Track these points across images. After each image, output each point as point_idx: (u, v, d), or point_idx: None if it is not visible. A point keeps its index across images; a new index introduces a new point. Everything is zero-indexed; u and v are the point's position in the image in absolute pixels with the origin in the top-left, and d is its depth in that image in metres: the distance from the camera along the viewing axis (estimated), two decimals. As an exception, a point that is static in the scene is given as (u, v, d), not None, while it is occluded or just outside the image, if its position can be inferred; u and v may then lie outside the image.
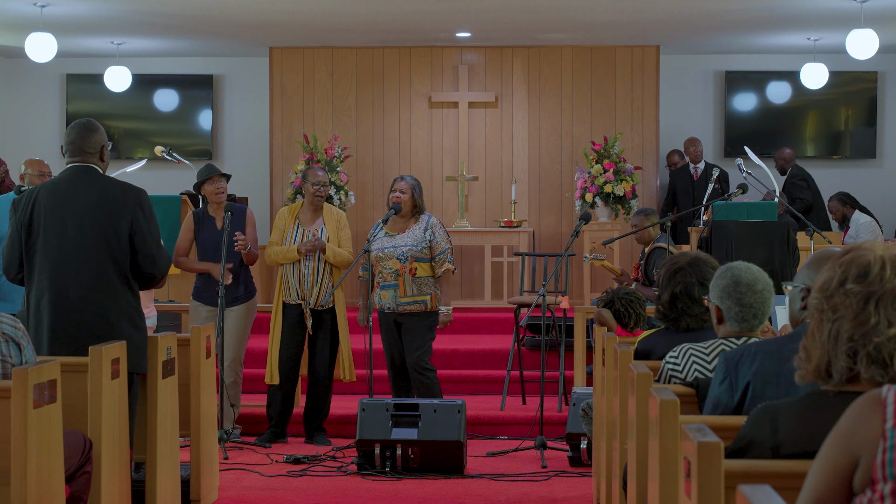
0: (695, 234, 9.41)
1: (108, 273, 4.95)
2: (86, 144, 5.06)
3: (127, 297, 5.00)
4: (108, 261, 4.95)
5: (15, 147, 12.51)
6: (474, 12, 10.59)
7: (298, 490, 6.31)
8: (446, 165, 12.18)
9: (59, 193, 5.00)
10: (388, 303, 7.26)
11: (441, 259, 7.28)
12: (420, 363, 7.22)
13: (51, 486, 4.02)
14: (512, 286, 11.45)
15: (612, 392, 4.84)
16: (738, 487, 1.97)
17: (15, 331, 4.15)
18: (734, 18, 10.86)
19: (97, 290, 4.93)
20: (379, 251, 7.28)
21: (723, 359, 3.40)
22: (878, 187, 12.64)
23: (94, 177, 5.04)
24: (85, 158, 5.06)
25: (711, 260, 4.62)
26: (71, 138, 5.07)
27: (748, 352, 3.35)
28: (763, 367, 3.29)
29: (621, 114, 12.18)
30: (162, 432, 5.13)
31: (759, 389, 3.27)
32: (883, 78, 12.79)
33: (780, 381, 3.27)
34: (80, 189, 4.99)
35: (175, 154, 9.95)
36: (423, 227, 7.33)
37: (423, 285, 7.26)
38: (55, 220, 4.96)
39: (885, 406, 1.97)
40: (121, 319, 4.96)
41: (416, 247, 7.25)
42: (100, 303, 4.92)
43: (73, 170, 5.05)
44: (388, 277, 7.25)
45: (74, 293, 4.91)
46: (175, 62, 13.04)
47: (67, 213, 4.96)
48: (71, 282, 4.92)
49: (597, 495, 5.68)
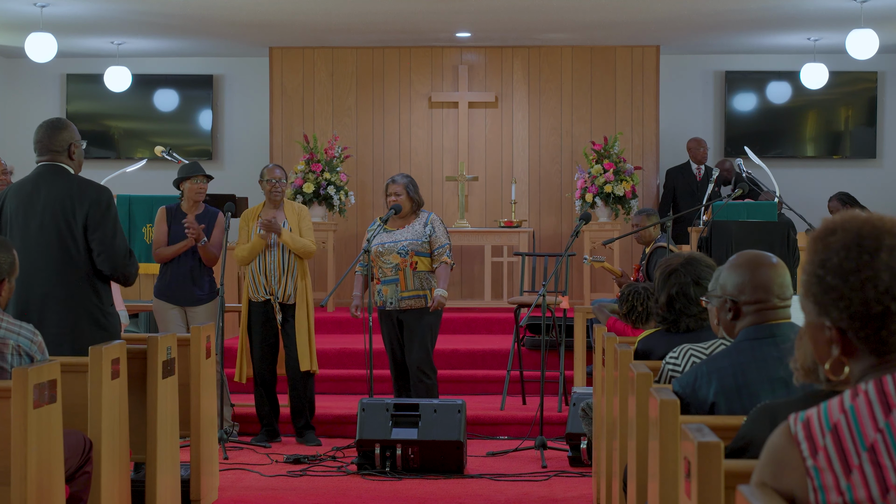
0: (695, 234, 9.41)
1: (69, 272, 4.94)
2: (52, 143, 5.05)
3: (89, 297, 4.97)
4: (67, 260, 4.94)
5: (15, 147, 12.50)
6: (474, 12, 10.59)
7: (298, 490, 6.31)
8: (446, 165, 12.18)
9: (24, 193, 5.01)
10: (389, 298, 7.26)
11: (440, 252, 7.30)
12: (421, 365, 7.21)
13: (51, 486, 4.02)
14: (512, 286, 11.45)
15: (612, 392, 4.84)
16: (738, 487, 1.97)
17: (31, 344, 4.13)
18: (734, 18, 10.86)
19: (59, 290, 4.92)
20: (379, 246, 7.29)
21: (679, 388, 3.36)
22: (878, 187, 12.64)
23: (59, 175, 5.02)
24: (52, 157, 5.05)
25: (706, 258, 4.62)
26: (38, 137, 5.07)
27: (700, 373, 3.33)
28: (722, 384, 3.28)
29: (621, 114, 12.18)
30: (162, 432, 5.13)
31: (724, 408, 3.26)
32: (883, 78, 12.79)
33: (742, 393, 3.25)
34: (42, 187, 4.99)
35: (175, 154, 9.95)
36: (423, 222, 7.35)
37: (423, 279, 7.26)
38: (18, 219, 4.98)
39: (798, 443, 1.92)
40: (83, 319, 4.94)
41: (416, 241, 7.26)
42: (61, 303, 4.91)
43: (40, 168, 5.06)
44: (389, 272, 7.26)
45: (36, 292, 4.91)
46: (175, 62, 13.05)
47: (30, 212, 4.97)
48: (33, 281, 4.91)
49: (597, 495, 5.68)
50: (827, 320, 1.98)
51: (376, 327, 7.45)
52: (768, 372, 3.25)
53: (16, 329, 4.10)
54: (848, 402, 1.92)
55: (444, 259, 7.31)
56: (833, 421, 1.91)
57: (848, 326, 1.96)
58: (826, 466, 1.88)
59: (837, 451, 1.88)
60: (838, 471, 1.87)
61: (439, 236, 7.33)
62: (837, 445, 1.88)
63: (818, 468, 1.88)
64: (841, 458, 1.88)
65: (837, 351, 1.98)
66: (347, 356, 9.14)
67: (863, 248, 1.96)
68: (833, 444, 1.89)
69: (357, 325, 7.85)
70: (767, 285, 3.33)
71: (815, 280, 1.99)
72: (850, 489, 1.85)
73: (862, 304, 1.94)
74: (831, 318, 1.97)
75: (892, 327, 1.93)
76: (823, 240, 2.00)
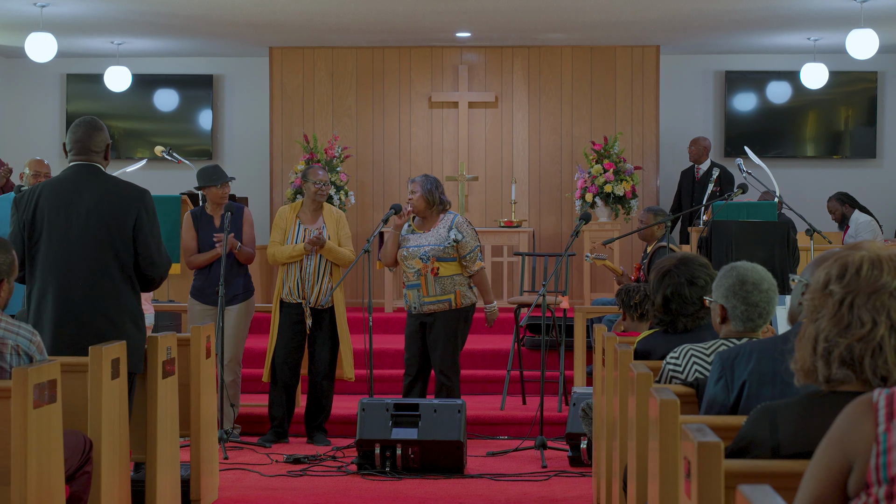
0: (695, 234, 9.41)
1: (112, 273, 4.93)
2: (92, 143, 5.03)
3: (129, 297, 4.99)
4: (112, 261, 4.93)
5: (15, 147, 12.51)
6: (474, 12, 10.59)
7: (298, 490, 6.31)
8: (446, 165, 12.18)
9: (64, 192, 4.96)
10: (413, 303, 7.24)
11: (472, 258, 7.20)
12: (443, 368, 7.17)
13: (51, 486, 4.02)
14: (512, 286, 11.45)
15: (612, 392, 4.84)
16: (738, 487, 1.97)
17: (30, 344, 4.12)
18: (734, 18, 10.86)
19: (101, 290, 4.91)
20: (403, 250, 7.27)
21: (718, 358, 3.40)
22: (878, 187, 12.64)
23: (99, 176, 5.02)
24: (90, 157, 5.03)
25: (699, 258, 4.63)
26: (77, 136, 5.02)
27: (744, 351, 3.35)
28: (759, 366, 3.30)
29: (621, 114, 12.18)
30: (162, 432, 5.13)
31: (754, 389, 3.27)
32: (883, 78, 12.79)
33: (776, 380, 3.27)
34: (84, 188, 4.96)
35: (175, 154, 9.95)
36: (448, 225, 7.23)
37: (446, 284, 7.19)
38: (59, 218, 4.93)
39: (876, 410, 1.96)
40: (124, 319, 4.94)
41: (438, 246, 7.19)
42: (103, 303, 4.91)
43: (77, 168, 5.01)
44: (412, 277, 7.22)
45: (78, 293, 4.89)
46: (175, 62, 13.05)
47: (72, 213, 4.93)
48: (75, 281, 4.90)
49: (597, 495, 5.68)
50: None
51: (398, 328, 7.41)
52: None
53: (14, 329, 4.09)
54: None
55: (479, 265, 7.22)
56: None
57: None
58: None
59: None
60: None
61: (468, 241, 7.21)
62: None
63: (888, 431, 1.94)
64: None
65: None
66: (347, 356, 9.13)
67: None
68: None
69: (357, 325, 7.84)
70: None
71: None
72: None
73: None
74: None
75: None
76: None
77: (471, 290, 7.29)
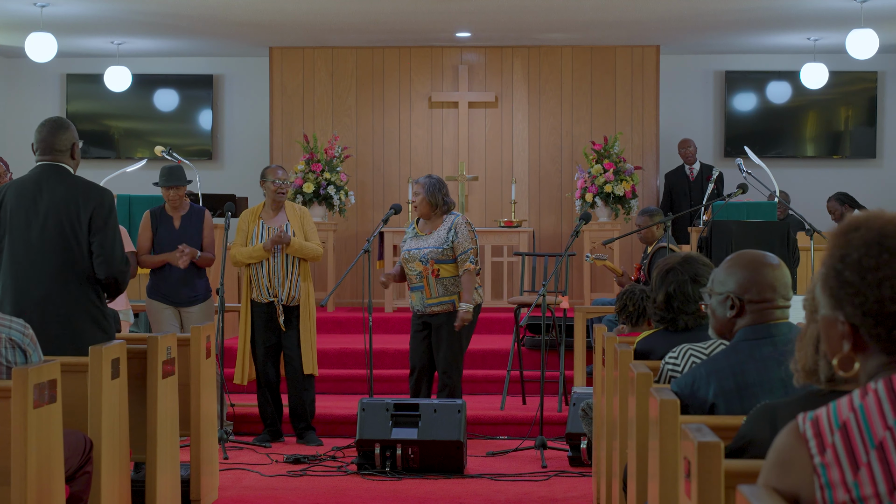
0: (695, 234, 9.41)
1: (70, 273, 4.91)
2: (56, 142, 5.01)
3: (90, 298, 4.95)
4: (69, 261, 4.92)
5: (15, 147, 12.50)
6: (474, 12, 10.59)
7: (298, 490, 6.31)
8: (446, 165, 12.18)
9: (26, 193, 4.96)
10: (417, 305, 7.24)
11: (463, 258, 7.18)
12: (447, 368, 7.17)
13: (51, 486, 4.02)
14: (512, 286, 11.45)
15: (612, 392, 4.84)
16: (738, 487, 1.97)
17: (23, 337, 4.13)
18: (734, 18, 10.86)
19: (60, 291, 4.89)
20: (406, 253, 7.27)
21: (677, 389, 3.35)
22: (878, 187, 12.64)
23: (62, 175, 4.99)
24: (55, 157, 5.01)
25: (703, 258, 4.63)
26: (42, 136, 5.01)
27: (699, 375, 3.32)
28: (721, 385, 3.27)
29: (621, 114, 12.18)
30: (162, 432, 5.13)
31: (723, 408, 3.26)
32: (883, 78, 12.79)
33: (742, 394, 3.25)
34: (45, 188, 4.95)
35: (175, 154, 9.95)
36: (448, 227, 7.20)
37: (448, 286, 7.17)
38: (20, 219, 4.94)
39: (806, 441, 1.93)
40: (84, 320, 4.92)
41: (437, 248, 7.17)
42: (62, 303, 4.89)
43: (41, 168, 5.01)
44: (415, 279, 7.21)
45: (36, 293, 4.88)
46: (175, 62, 13.05)
47: (31, 213, 4.93)
48: (33, 282, 4.89)
49: (597, 495, 5.68)
50: (841, 315, 1.98)
51: (403, 328, 7.41)
52: (767, 372, 3.25)
53: (7, 323, 4.11)
54: (857, 400, 1.92)
55: (468, 266, 7.14)
56: (842, 419, 1.91)
57: (861, 323, 1.96)
58: (834, 463, 1.89)
59: (846, 448, 1.89)
60: (846, 468, 1.88)
61: (462, 241, 7.17)
62: (846, 443, 1.89)
63: (825, 465, 1.89)
64: (849, 455, 1.88)
65: (848, 346, 1.99)
66: (347, 356, 9.13)
67: (883, 246, 1.96)
68: (842, 441, 1.90)
69: (357, 325, 7.85)
70: (773, 284, 3.33)
71: (833, 274, 2.00)
72: (858, 486, 1.86)
73: (877, 302, 1.94)
74: (845, 313, 1.97)
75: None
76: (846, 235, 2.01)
77: (476, 290, 7.26)
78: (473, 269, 7.20)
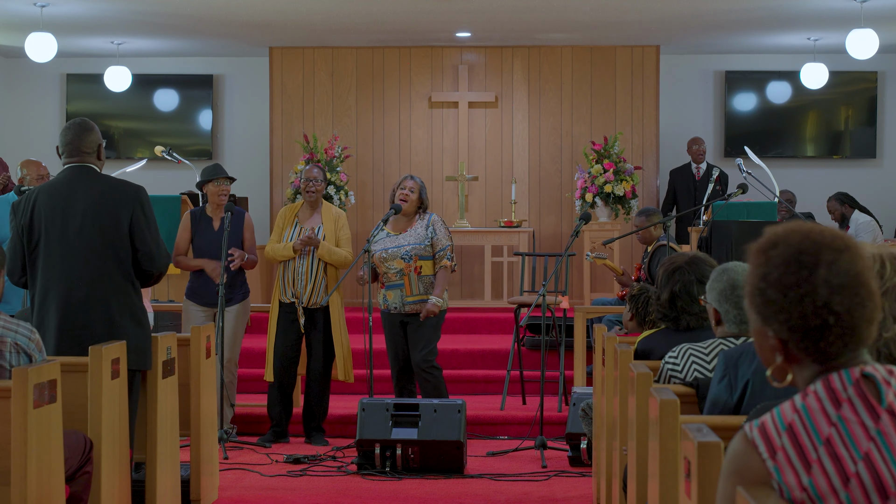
0: (695, 234, 9.41)
1: (111, 272, 4.94)
2: (83, 144, 5.04)
3: (130, 295, 5.00)
4: (110, 260, 4.94)
5: (15, 147, 12.50)
6: (474, 12, 10.59)
7: (298, 490, 6.31)
8: (446, 165, 12.18)
9: (59, 195, 4.98)
10: (394, 303, 7.24)
11: (441, 255, 7.26)
12: (426, 362, 7.21)
13: (51, 486, 4.02)
14: (512, 286, 11.45)
15: (612, 392, 4.84)
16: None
17: (29, 342, 4.12)
18: (734, 18, 10.86)
19: (101, 290, 4.92)
20: (382, 252, 7.27)
21: (722, 357, 3.40)
22: (878, 187, 12.64)
23: (93, 176, 5.03)
24: (82, 158, 5.04)
25: (709, 259, 4.63)
26: (68, 139, 5.04)
27: (748, 350, 3.35)
28: (762, 365, 3.29)
29: (621, 114, 12.18)
30: (162, 432, 5.13)
31: (758, 388, 3.27)
32: (883, 78, 12.79)
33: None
34: (79, 189, 4.97)
35: (175, 154, 9.95)
36: (425, 224, 7.30)
37: (428, 284, 7.24)
38: (56, 222, 4.95)
39: (755, 446, 1.97)
40: (125, 318, 4.95)
41: (419, 245, 7.23)
42: (104, 302, 4.92)
43: (71, 170, 5.03)
44: (393, 277, 7.23)
45: (79, 294, 4.90)
46: (175, 62, 13.05)
47: (68, 215, 4.94)
48: (75, 283, 4.90)
49: (597, 495, 5.68)
50: (769, 330, 2.05)
51: (378, 328, 7.45)
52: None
53: (13, 327, 4.10)
54: (799, 402, 2.00)
55: (444, 263, 7.26)
56: (787, 421, 1.98)
57: (788, 338, 2.03)
58: (786, 464, 1.94)
59: (795, 448, 1.95)
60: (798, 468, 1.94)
61: (441, 238, 7.28)
62: (794, 443, 1.95)
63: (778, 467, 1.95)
64: (799, 454, 1.94)
65: (781, 358, 2.06)
66: (347, 356, 9.13)
67: (802, 263, 2.01)
68: (790, 442, 1.96)
69: (357, 325, 7.84)
70: None
71: (756, 292, 2.06)
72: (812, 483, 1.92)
73: (801, 318, 2.01)
74: (773, 328, 2.04)
75: (831, 339, 2.00)
76: (765, 253, 2.07)
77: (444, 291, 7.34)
78: (450, 266, 7.29)
